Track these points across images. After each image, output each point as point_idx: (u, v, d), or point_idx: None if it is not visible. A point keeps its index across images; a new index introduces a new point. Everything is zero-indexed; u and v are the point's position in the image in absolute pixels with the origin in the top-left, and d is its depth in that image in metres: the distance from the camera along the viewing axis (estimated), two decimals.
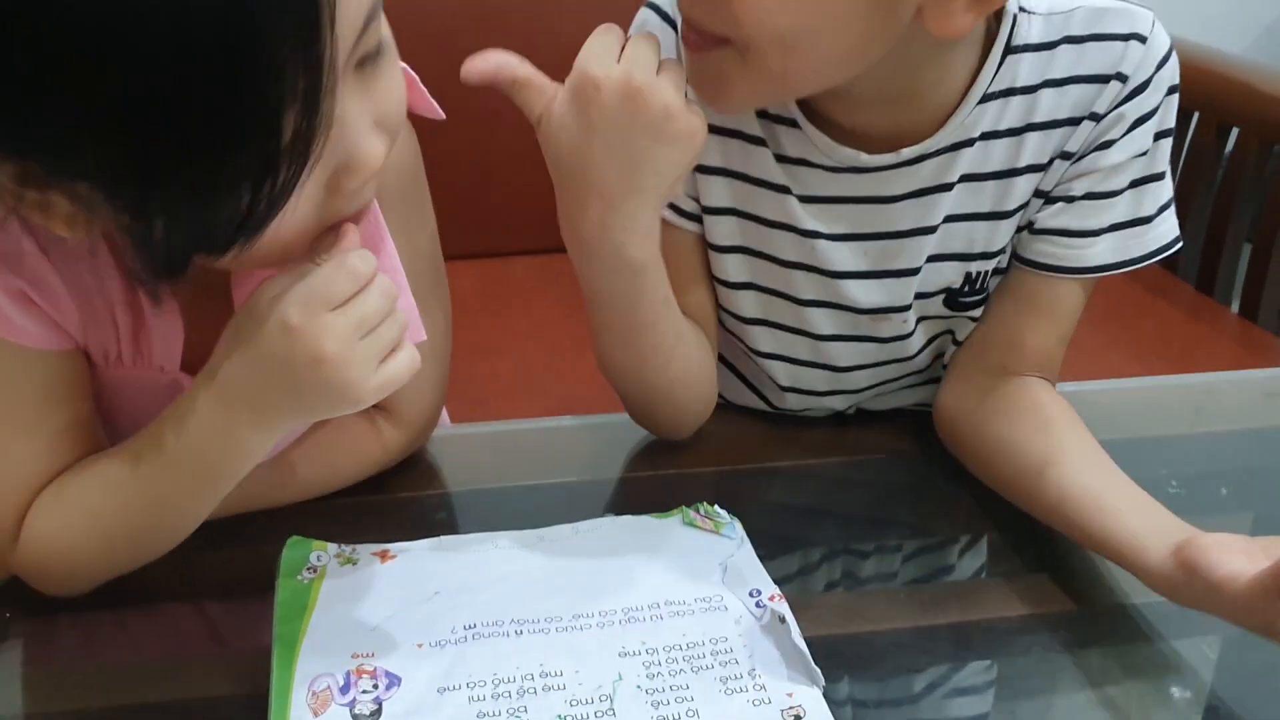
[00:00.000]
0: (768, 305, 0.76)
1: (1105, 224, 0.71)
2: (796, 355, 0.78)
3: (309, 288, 0.53)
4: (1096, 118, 0.68)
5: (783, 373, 0.79)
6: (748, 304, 0.76)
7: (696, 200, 0.73)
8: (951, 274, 0.73)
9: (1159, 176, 0.71)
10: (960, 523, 0.74)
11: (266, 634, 0.59)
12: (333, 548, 0.64)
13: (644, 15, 0.73)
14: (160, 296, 0.54)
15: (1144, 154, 0.70)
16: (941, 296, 0.75)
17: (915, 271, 0.73)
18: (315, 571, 0.62)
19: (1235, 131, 1.48)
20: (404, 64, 0.64)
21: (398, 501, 0.73)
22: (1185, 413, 0.89)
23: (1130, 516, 0.63)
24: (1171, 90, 0.70)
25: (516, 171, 1.48)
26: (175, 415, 0.58)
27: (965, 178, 0.70)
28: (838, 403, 0.81)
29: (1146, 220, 0.72)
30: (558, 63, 0.62)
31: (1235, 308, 1.51)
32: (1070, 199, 0.70)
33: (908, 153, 0.69)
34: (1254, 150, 1.44)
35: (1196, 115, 1.50)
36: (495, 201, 1.49)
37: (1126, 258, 0.72)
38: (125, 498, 0.60)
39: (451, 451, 0.79)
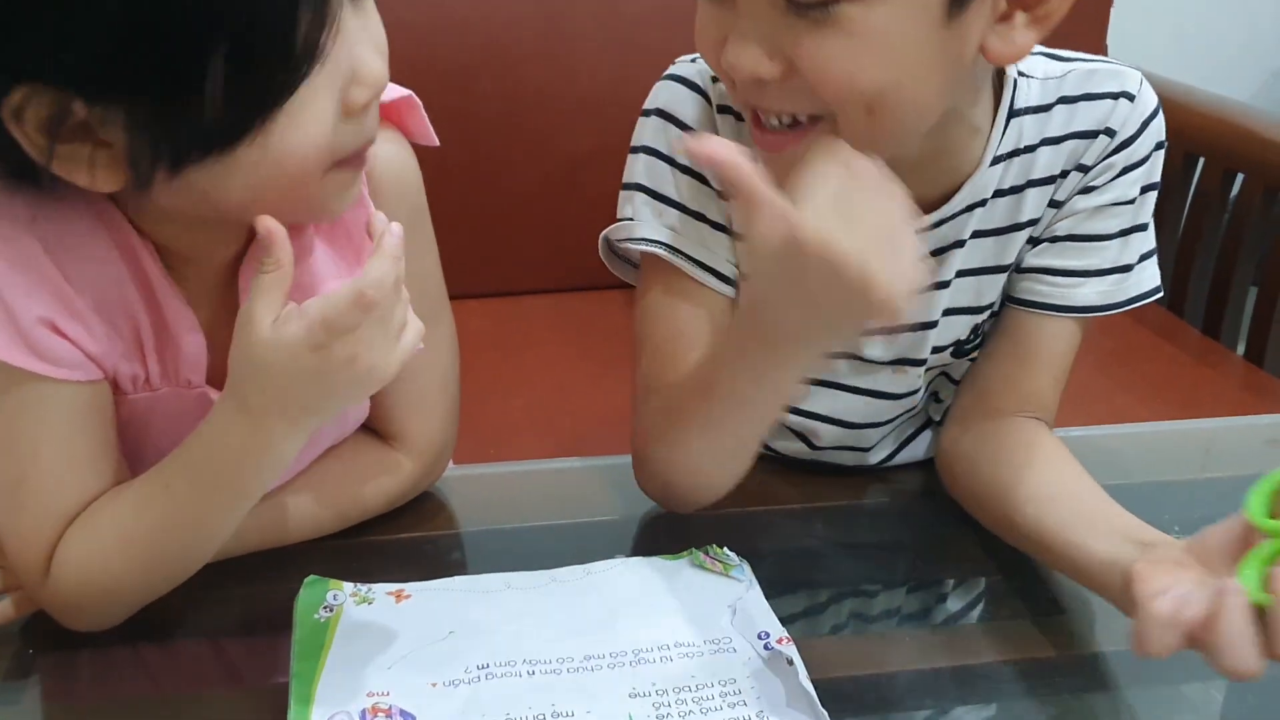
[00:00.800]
0: None
1: (1093, 266, 0.73)
2: (817, 412, 0.80)
3: (330, 314, 0.55)
4: (1084, 169, 0.72)
5: (799, 423, 0.81)
6: None
7: (735, 265, 0.73)
8: (961, 328, 0.76)
9: (1143, 227, 0.74)
10: (966, 565, 0.75)
11: (283, 671, 0.60)
12: (349, 587, 0.66)
13: (671, 91, 0.73)
14: (154, 178, 0.55)
15: (1130, 202, 0.73)
16: (950, 349, 0.77)
17: (933, 325, 0.75)
18: (331, 610, 0.64)
19: (1240, 177, 1.50)
20: (409, 90, 0.68)
21: (412, 541, 0.75)
22: (1190, 458, 0.90)
23: (1097, 544, 0.64)
24: (1159, 146, 0.73)
25: (529, 211, 1.51)
26: (202, 436, 0.60)
27: (975, 234, 0.73)
28: (844, 457, 0.82)
29: (1128, 268, 0.74)
30: (573, 105, 0.64)
31: (1241, 350, 1.52)
32: (1054, 239, 0.73)
33: (932, 217, 0.71)
34: (1259, 195, 1.46)
35: (1202, 161, 1.52)
36: (507, 241, 1.51)
37: (1117, 300, 0.74)
38: (157, 520, 0.61)
39: (464, 492, 0.80)
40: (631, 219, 0.74)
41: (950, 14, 0.58)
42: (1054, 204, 0.73)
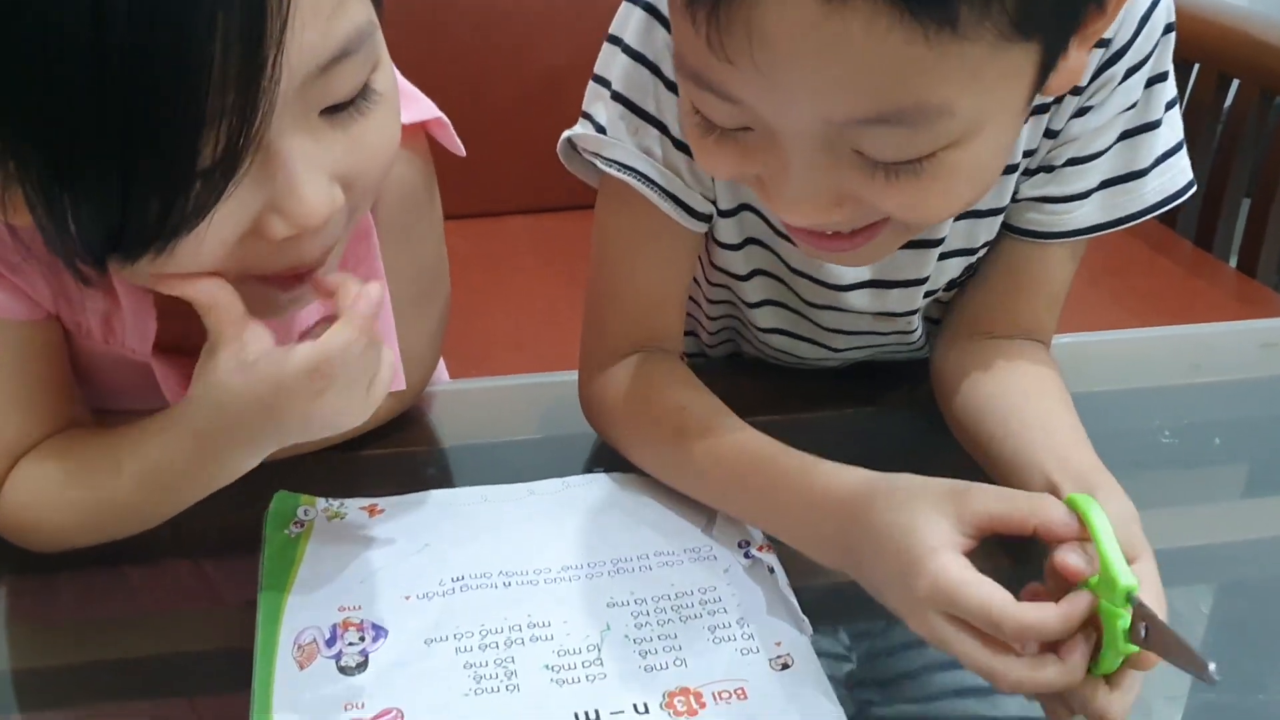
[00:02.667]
0: (773, 290, 0.75)
1: (1093, 184, 0.68)
2: (799, 333, 0.78)
3: (285, 379, 0.52)
4: (1078, 90, 0.65)
5: (780, 341, 0.79)
6: (754, 290, 0.75)
7: (713, 202, 0.69)
8: (955, 269, 0.72)
9: (1153, 125, 0.68)
10: (950, 474, 0.74)
11: (253, 589, 0.59)
12: (321, 502, 0.64)
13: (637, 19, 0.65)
14: (89, 280, 0.51)
15: (1132, 107, 0.67)
16: (943, 288, 0.74)
17: (923, 280, 0.71)
18: (303, 526, 0.62)
19: (1236, 83, 1.47)
20: (440, 113, 0.65)
21: (388, 457, 0.73)
22: (1180, 364, 0.88)
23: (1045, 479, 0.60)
24: (1167, 30, 0.65)
25: (507, 129, 1.48)
26: (161, 436, 0.57)
27: None
28: (837, 340, 0.80)
29: (1140, 173, 0.68)
30: (550, 15, 0.60)
31: (1234, 262, 1.51)
32: (1051, 169, 0.67)
33: None
34: (1255, 102, 1.43)
35: (1197, 67, 1.48)
36: (486, 160, 1.48)
37: (1119, 215, 0.69)
38: (105, 494, 0.59)
39: (443, 407, 0.78)
40: (603, 128, 0.67)
41: (1031, 96, 0.52)
42: (1050, 134, 0.66)
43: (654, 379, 0.69)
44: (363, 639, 0.55)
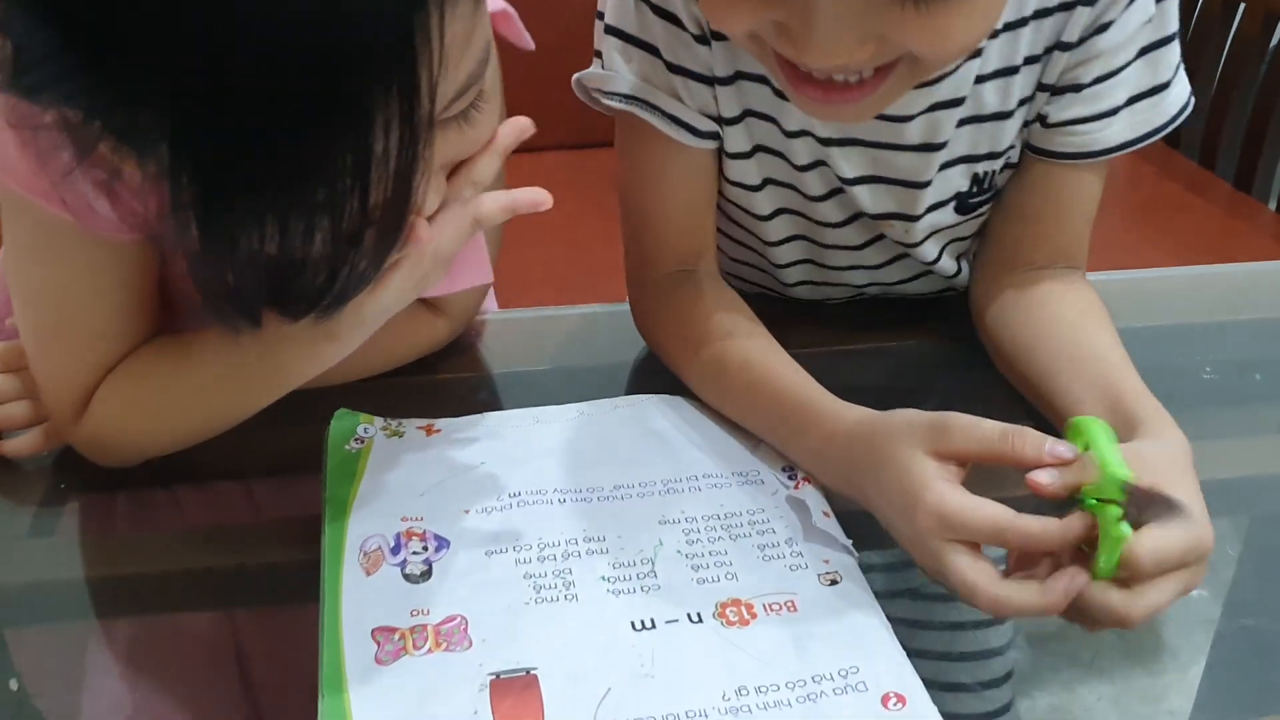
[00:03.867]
0: (784, 198, 0.75)
1: (1120, 101, 0.68)
2: (813, 237, 0.78)
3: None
4: (1090, 1, 0.65)
5: (798, 261, 0.79)
6: (765, 201, 0.75)
7: (713, 119, 0.70)
8: (959, 179, 0.72)
9: (1169, 39, 0.68)
10: (992, 404, 0.74)
11: (314, 505, 0.61)
12: (379, 420, 0.66)
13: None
14: (239, 329, 0.51)
15: (1149, 20, 0.67)
16: (953, 204, 0.73)
17: (926, 184, 0.71)
18: (362, 442, 0.64)
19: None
20: (504, 4, 0.65)
21: (440, 383, 0.75)
22: (1221, 301, 0.89)
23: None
24: None
25: (544, 65, 1.47)
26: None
27: (976, 80, 0.68)
28: (857, 277, 0.80)
29: (1164, 86, 0.69)
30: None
31: (1273, 205, 1.49)
32: (1078, 88, 0.68)
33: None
34: None
35: (1242, 7, 1.46)
36: (522, 96, 1.47)
37: (1147, 130, 0.70)
38: (195, 389, 0.62)
39: (492, 335, 0.80)
40: (604, 65, 0.70)
41: None
42: (1062, 46, 0.66)
43: (697, 306, 0.71)
44: (426, 548, 0.57)
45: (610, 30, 0.69)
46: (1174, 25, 0.68)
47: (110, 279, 0.61)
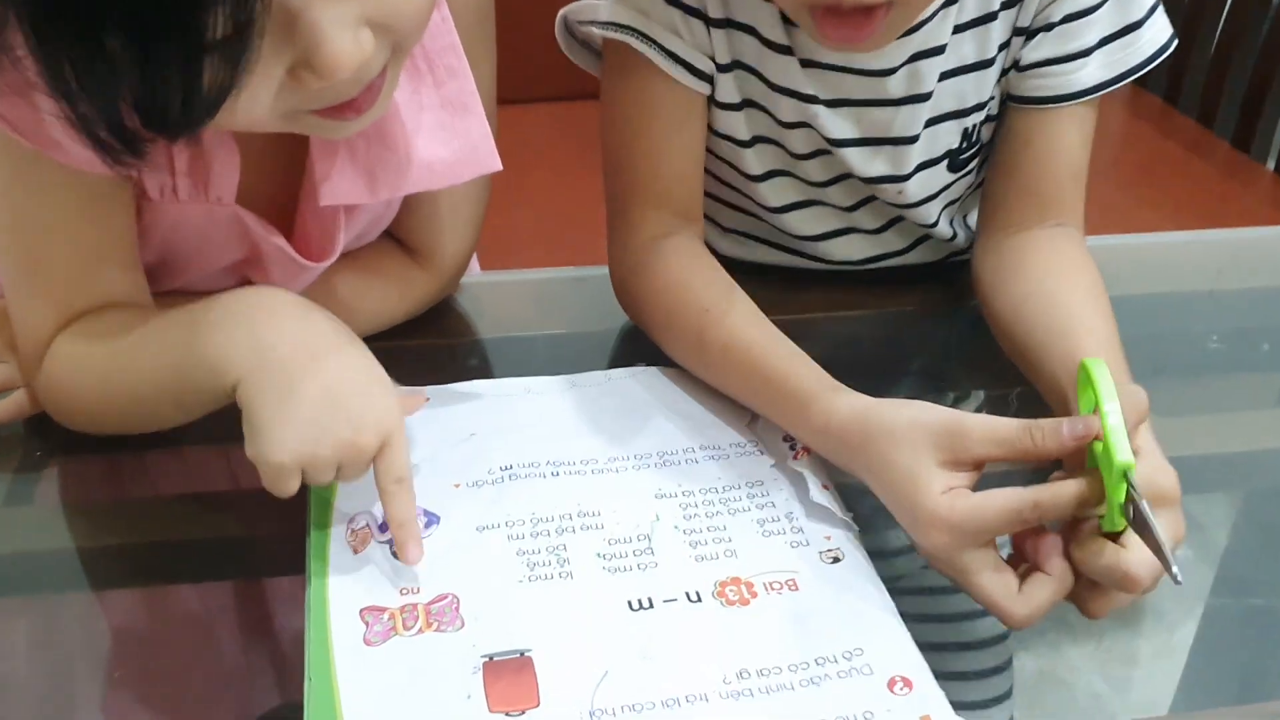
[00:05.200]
0: (775, 158, 0.73)
1: (1092, 42, 0.67)
2: (809, 198, 0.76)
3: None
4: None
5: (798, 222, 0.77)
6: (756, 160, 0.73)
7: (711, 59, 0.68)
8: (950, 136, 0.71)
9: None
10: (994, 375, 0.72)
11: None
12: None
13: None
14: (144, 152, 0.50)
15: None
16: (945, 162, 0.72)
17: (913, 139, 0.70)
18: None
19: None
20: None
21: (427, 348, 0.73)
22: (1224, 268, 0.87)
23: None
24: None
25: (533, 16, 1.43)
26: (217, 323, 0.55)
27: (954, 30, 0.67)
28: (855, 244, 0.78)
29: (1136, 25, 0.68)
30: None
31: (1271, 165, 1.48)
32: (1049, 26, 0.67)
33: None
34: None
35: None
36: (511, 46, 1.44)
37: (1122, 70, 0.68)
38: (144, 381, 0.59)
39: (483, 299, 0.78)
40: None
41: None
42: None
43: (679, 275, 0.68)
44: None
45: None
46: None
47: (83, 218, 0.59)
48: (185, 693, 0.53)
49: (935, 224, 0.76)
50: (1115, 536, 0.50)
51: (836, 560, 0.55)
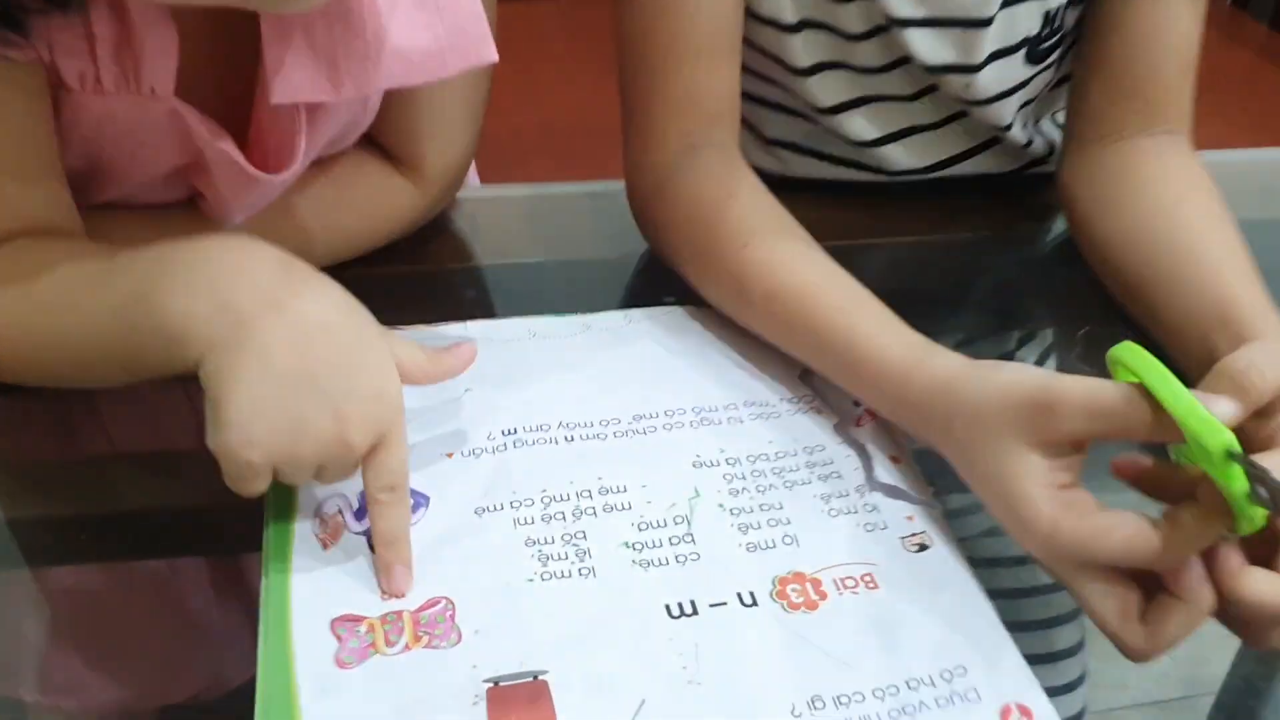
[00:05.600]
0: (825, 47, 0.64)
1: None
2: (864, 94, 0.66)
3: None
4: None
5: (852, 125, 0.67)
6: (804, 50, 0.64)
7: None
8: (1029, 20, 0.63)
9: None
10: (1075, 311, 0.63)
11: None
12: None
13: None
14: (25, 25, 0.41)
15: None
16: (1023, 51, 0.64)
17: (987, 22, 0.61)
18: None
19: None
20: None
21: (418, 276, 0.63)
22: None
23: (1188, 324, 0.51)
24: None
25: None
26: (173, 281, 0.45)
27: None
28: (918, 147, 0.69)
29: None
30: None
31: None
32: None
33: None
34: None
35: None
36: None
37: None
38: (86, 347, 0.48)
39: (480, 217, 0.68)
40: None
41: None
42: None
43: (712, 198, 0.57)
44: None
45: None
46: None
47: None
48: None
49: (1009, 127, 0.67)
50: (1260, 541, 0.39)
51: (923, 548, 0.45)
